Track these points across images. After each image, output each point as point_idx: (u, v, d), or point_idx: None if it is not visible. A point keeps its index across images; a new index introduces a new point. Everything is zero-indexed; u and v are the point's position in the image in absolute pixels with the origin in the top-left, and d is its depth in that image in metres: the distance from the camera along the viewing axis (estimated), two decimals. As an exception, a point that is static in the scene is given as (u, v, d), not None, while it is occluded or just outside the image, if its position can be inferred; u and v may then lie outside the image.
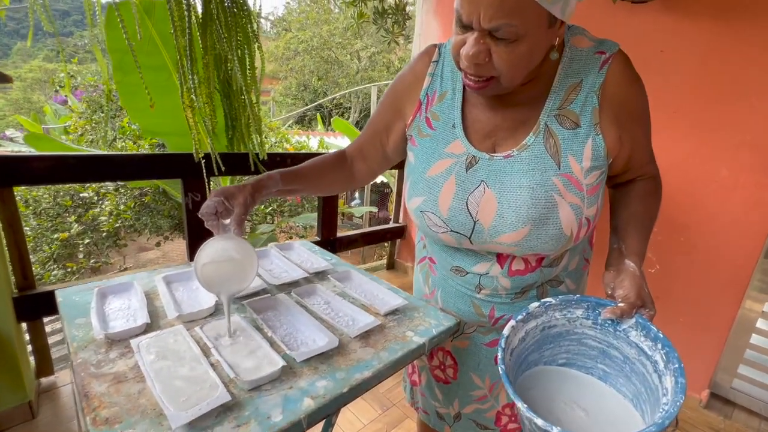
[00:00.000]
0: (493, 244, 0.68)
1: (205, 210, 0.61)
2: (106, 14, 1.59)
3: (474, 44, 0.55)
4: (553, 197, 0.63)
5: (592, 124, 0.63)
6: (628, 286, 0.62)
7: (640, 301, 0.61)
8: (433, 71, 0.74)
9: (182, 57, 1.31)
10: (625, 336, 0.63)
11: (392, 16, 2.05)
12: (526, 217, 0.63)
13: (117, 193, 3.34)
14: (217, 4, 1.36)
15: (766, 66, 1.34)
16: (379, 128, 0.81)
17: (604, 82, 0.62)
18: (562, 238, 0.65)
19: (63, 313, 0.69)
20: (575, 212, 0.64)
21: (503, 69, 0.57)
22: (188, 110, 1.39)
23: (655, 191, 0.74)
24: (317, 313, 0.76)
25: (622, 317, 0.61)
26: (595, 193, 0.66)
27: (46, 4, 1.21)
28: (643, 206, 0.72)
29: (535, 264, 0.72)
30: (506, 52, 0.55)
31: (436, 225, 0.71)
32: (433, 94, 0.74)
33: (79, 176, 1.43)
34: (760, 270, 1.45)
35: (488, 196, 0.66)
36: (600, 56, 0.63)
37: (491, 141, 0.68)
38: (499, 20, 0.52)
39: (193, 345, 0.62)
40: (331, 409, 0.56)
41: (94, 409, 0.49)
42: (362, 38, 13.40)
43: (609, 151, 0.65)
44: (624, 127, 0.65)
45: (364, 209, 3.92)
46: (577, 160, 0.63)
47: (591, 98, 0.63)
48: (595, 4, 1.62)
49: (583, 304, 0.66)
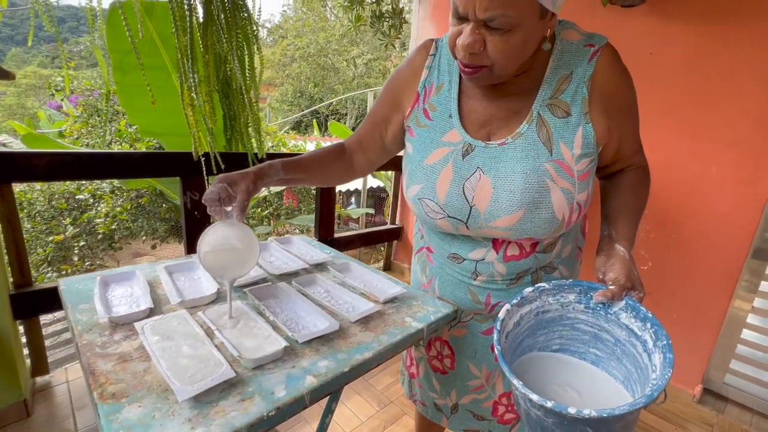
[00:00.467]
0: (489, 229, 0.70)
1: (209, 196, 0.62)
2: (108, 14, 1.61)
3: (470, 34, 0.58)
4: (545, 182, 0.65)
5: (583, 113, 0.66)
6: (618, 269, 0.64)
7: (629, 284, 0.63)
8: (431, 64, 0.77)
9: (183, 56, 1.33)
10: (616, 318, 0.65)
11: (389, 20, 2.09)
12: (520, 201, 0.66)
13: (113, 195, 3.33)
14: (218, 5, 1.38)
15: (751, 67, 1.39)
16: (378, 121, 0.83)
17: (593, 73, 0.65)
18: (554, 221, 0.67)
19: (66, 300, 0.70)
20: (566, 197, 0.66)
21: (497, 58, 0.59)
22: (188, 109, 1.41)
23: (644, 181, 0.77)
24: (318, 300, 0.77)
25: (613, 299, 0.63)
26: (586, 180, 0.68)
27: (50, 6, 1.22)
28: (632, 195, 0.74)
29: (530, 249, 0.74)
30: (500, 42, 0.58)
31: (434, 211, 0.73)
32: (430, 86, 0.77)
33: (79, 173, 1.44)
34: (750, 266, 1.48)
35: (484, 182, 0.68)
36: (589, 49, 0.66)
37: (486, 130, 0.71)
38: (494, 11, 0.54)
39: (197, 328, 0.63)
40: (333, 386, 0.57)
41: (101, 385, 0.50)
42: (358, 45, 13.54)
43: (598, 139, 0.67)
44: (612, 118, 0.68)
45: (361, 210, 3.94)
46: (568, 147, 0.66)
47: (581, 89, 0.66)
48: (586, 7, 1.67)
49: (575, 288, 0.68)
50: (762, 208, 1.43)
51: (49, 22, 1.24)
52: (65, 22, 36.69)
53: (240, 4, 1.45)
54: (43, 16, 1.22)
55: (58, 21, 1.27)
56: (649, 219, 1.67)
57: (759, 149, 1.41)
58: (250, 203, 0.70)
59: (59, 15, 1.66)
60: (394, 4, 2.11)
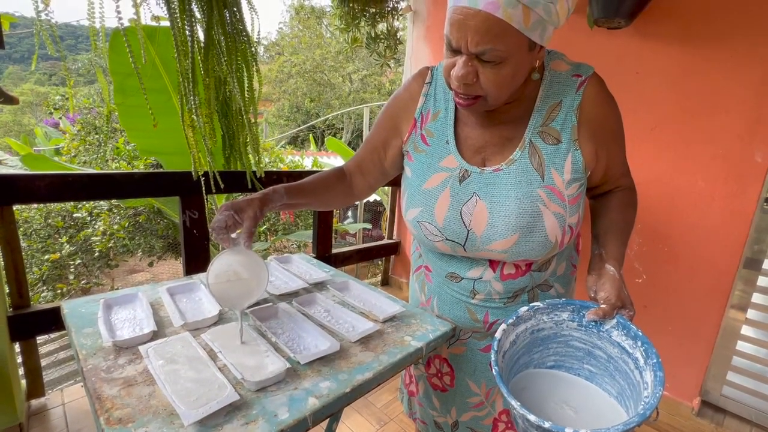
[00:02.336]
0: (486, 251, 0.73)
1: (216, 224, 0.64)
2: (111, 39, 1.65)
3: (463, 66, 0.61)
4: (538, 207, 0.68)
5: (572, 140, 0.69)
6: (609, 288, 0.67)
7: (620, 302, 0.66)
8: (427, 92, 0.80)
9: (184, 79, 1.37)
10: (608, 336, 0.67)
11: (384, 41, 2.15)
12: (515, 225, 0.68)
13: (111, 213, 3.34)
14: (219, 31, 1.43)
15: (730, 86, 1.44)
16: (377, 145, 0.86)
17: (581, 102, 0.69)
18: (548, 244, 0.70)
19: (70, 324, 0.71)
20: (559, 221, 0.69)
21: (489, 88, 0.63)
22: (189, 130, 1.44)
23: (631, 201, 0.80)
24: (318, 321, 0.78)
25: (604, 318, 0.66)
26: (576, 203, 0.71)
27: (53, 27, 1.26)
28: (620, 215, 0.77)
29: (525, 268, 0.77)
30: (492, 74, 0.61)
31: (432, 234, 0.76)
32: (427, 112, 0.80)
33: (80, 194, 1.45)
34: (741, 277, 1.51)
35: (480, 207, 0.71)
36: (577, 79, 0.70)
37: (482, 156, 0.74)
38: (485, 45, 0.58)
39: (200, 350, 0.64)
40: (335, 407, 0.58)
41: (107, 410, 0.51)
42: (354, 61, 13.77)
43: (587, 164, 0.71)
44: (600, 143, 0.71)
45: (358, 225, 3.96)
46: (559, 173, 0.69)
47: (570, 117, 0.69)
48: (574, 30, 1.73)
49: (568, 307, 0.70)
50: (750, 220, 1.47)
51: (52, 44, 1.28)
52: (63, 40, 36.95)
53: (240, 29, 1.50)
54: (46, 39, 1.25)
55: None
56: (641, 233, 1.71)
57: (743, 163, 1.46)
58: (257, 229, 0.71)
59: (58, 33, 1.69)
60: (388, 25, 2.18)
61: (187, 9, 1.32)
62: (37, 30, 1.25)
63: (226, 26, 1.45)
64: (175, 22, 1.32)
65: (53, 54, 1.31)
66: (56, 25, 1.27)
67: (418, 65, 2.59)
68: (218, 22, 1.42)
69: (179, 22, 1.32)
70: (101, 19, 1.25)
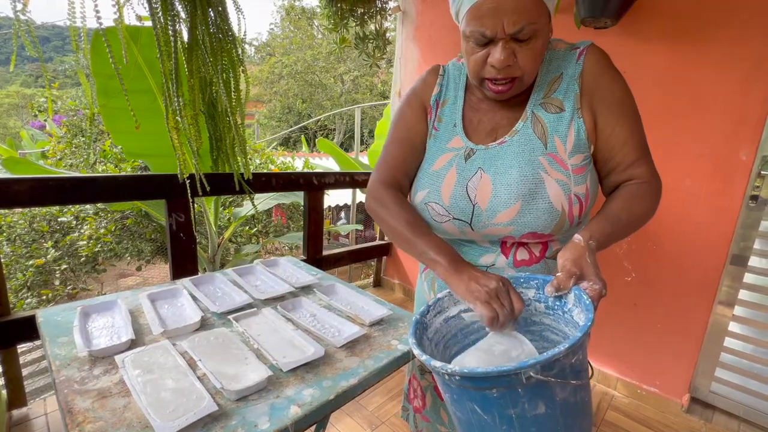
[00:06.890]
0: (492, 227, 0.72)
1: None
2: (92, 40, 1.61)
3: (502, 50, 0.63)
4: (539, 174, 0.68)
5: (575, 109, 0.69)
6: (567, 254, 0.60)
7: (576, 269, 0.58)
8: (441, 82, 0.83)
9: (168, 80, 1.34)
10: (571, 317, 0.57)
11: (373, 42, 2.14)
12: (517, 193, 0.68)
13: (97, 217, 3.27)
14: (203, 30, 1.40)
15: (714, 85, 1.46)
16: (415, 142, 0.83)
17: (582, 70, 0.70)
18: (554, 212, 0.68)
19: (44, 333, 0.69)
20: (563, 188, 0.68)
21: (527, 65, 0.64)
22: (173, 132, 1.41)
23: (640, 193, 0.71)
24: (303, 326, 0.77)
25: (560, 289, 0.58)
26: (582, 174, 0.69)
27: (31, 29, 1.23)
28: (620, 203, 0.70)
29: (539, 254, 0.75)
30: (529, 50, 0.63)
31: (440, 214, 0.76)
32: (442, 100, 0.82)
33: (62, 198, 1.42)
34: (728, 274, 1.53)
35: (485, 180, 0.71)
36: (576, 51, 0.71)
37: (493, 137, 0.75)
38: (522, 22, 0.60)
39: (179, 359, 0.62)
40: (318, 416, 0.56)
41: (79, 424, 0.49)
42: (345, 62, 13.75)
43: (588, 134, 0.70)
44: (598, 113, 0.70)
45: (349, 227, 3.93)
46: (562, 141, 0.69)
47: (572, 85, 0.70)
48: (562, 29, 1.73)
49: (532, 282, 0.64)
50: (736, 217, 1.48)
51: (31, 45, 1.24)
52: (50, 41, 36.36)
53: (225, 29, 1.48)
54: (25, 40, 1.22)
55: (42, 41, 1.26)
56: (630, 231, 1.71)
57: (728, 162, 1.47)
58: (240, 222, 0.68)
59: (44, 35, 1.66)
60: (377, 25, 2.17)
61: (170, 7, 1.30)
62: (15, 31, 1.22)
63: (210, 26, 1.42)
64: (158, 21, 1.29)
65: (33, 55, 1.28)
66: (44, 26, 1.25)
67: (408, 65, 2.58)
68: (202, 22, 1.39)
69: (162, 21, 1.29)
70: (82, 19, 1.22)
